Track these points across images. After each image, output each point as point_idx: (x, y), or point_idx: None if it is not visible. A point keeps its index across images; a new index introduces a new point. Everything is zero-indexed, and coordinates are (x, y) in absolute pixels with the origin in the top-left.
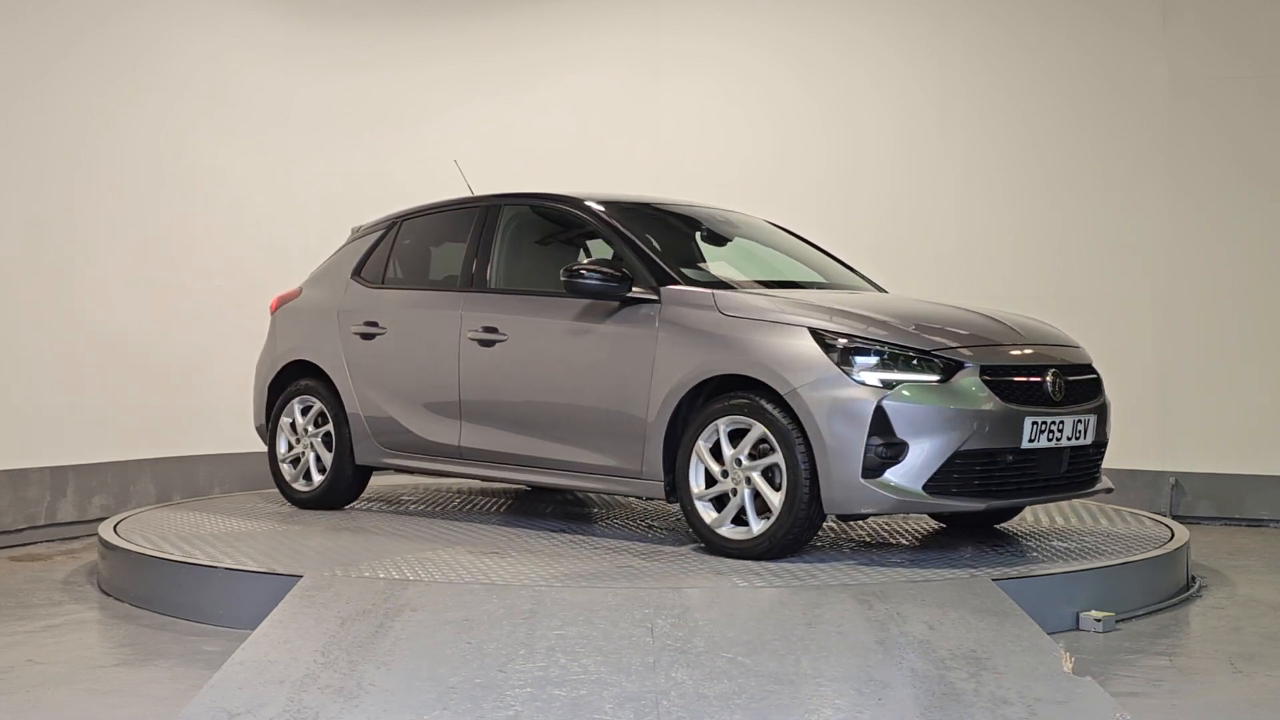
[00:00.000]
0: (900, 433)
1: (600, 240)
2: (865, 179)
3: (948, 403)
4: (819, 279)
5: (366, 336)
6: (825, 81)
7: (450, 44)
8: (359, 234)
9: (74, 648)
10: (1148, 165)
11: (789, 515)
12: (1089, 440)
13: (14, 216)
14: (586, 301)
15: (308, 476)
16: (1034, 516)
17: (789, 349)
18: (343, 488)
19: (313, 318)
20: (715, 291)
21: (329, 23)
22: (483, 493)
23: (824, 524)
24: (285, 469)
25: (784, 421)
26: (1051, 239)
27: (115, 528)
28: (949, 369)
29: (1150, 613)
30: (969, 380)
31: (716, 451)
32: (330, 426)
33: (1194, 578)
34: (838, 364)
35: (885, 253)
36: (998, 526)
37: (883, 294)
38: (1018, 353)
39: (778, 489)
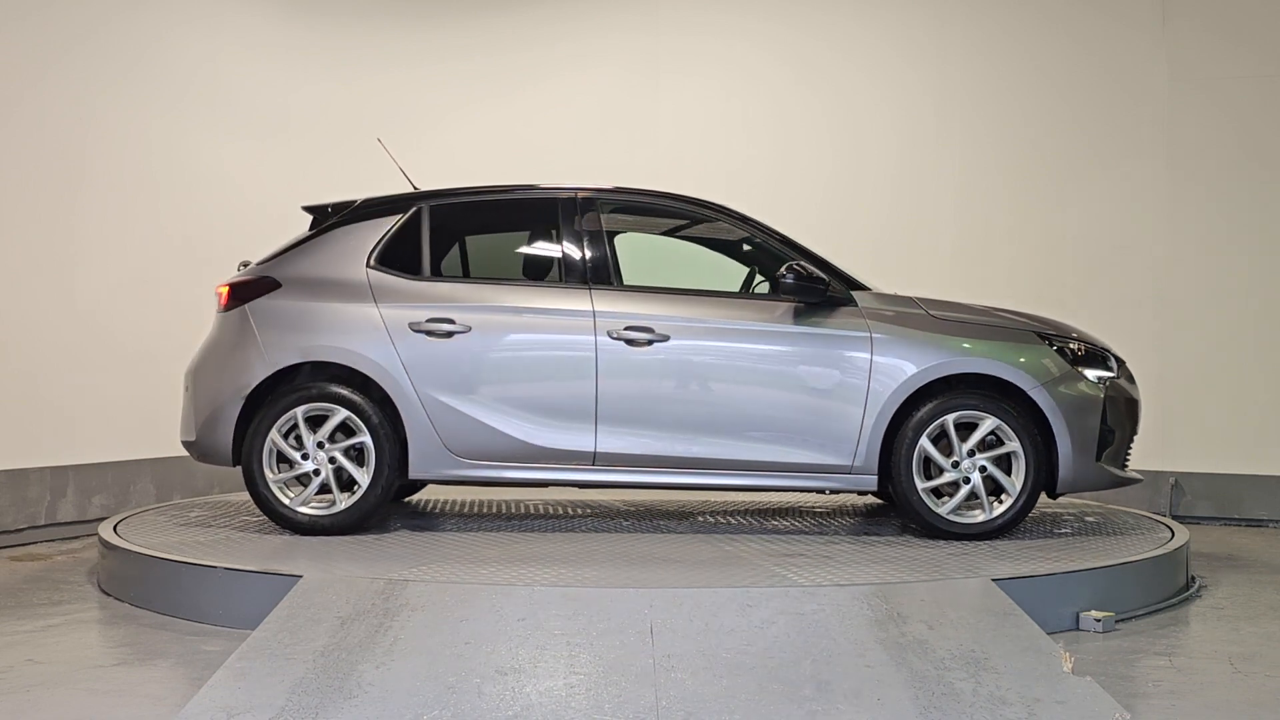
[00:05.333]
0: (1111, 421)
1: (739, 242)
2: (866, 177)
3: (1132, 394)
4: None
5: (438, 335)
6: (825, 80)
7: (450, 44)
8: (346, 215)
9: (74, 647)
10: (1147, 164)
11: (1025, 497)
12: None
13: (14, 216)
14: (759, 301)
15: (318, 498)
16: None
17: (1026, 351)
18: (377, 505)
19: (330, 313)
20: (916, 295)
21: (329, 23)
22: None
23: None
24: (280, 493)
25: (1020, 414)
26: (1051, 238)
27: (115, 528)
28: (1120, 366)
29: (1150, 613)
30: (1127, 375)
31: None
32: (367, 437)
33: (1194, 578)
34: (1071, 364)
35: (886, 251)
36: None
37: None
38: None
39: (1006, 475)
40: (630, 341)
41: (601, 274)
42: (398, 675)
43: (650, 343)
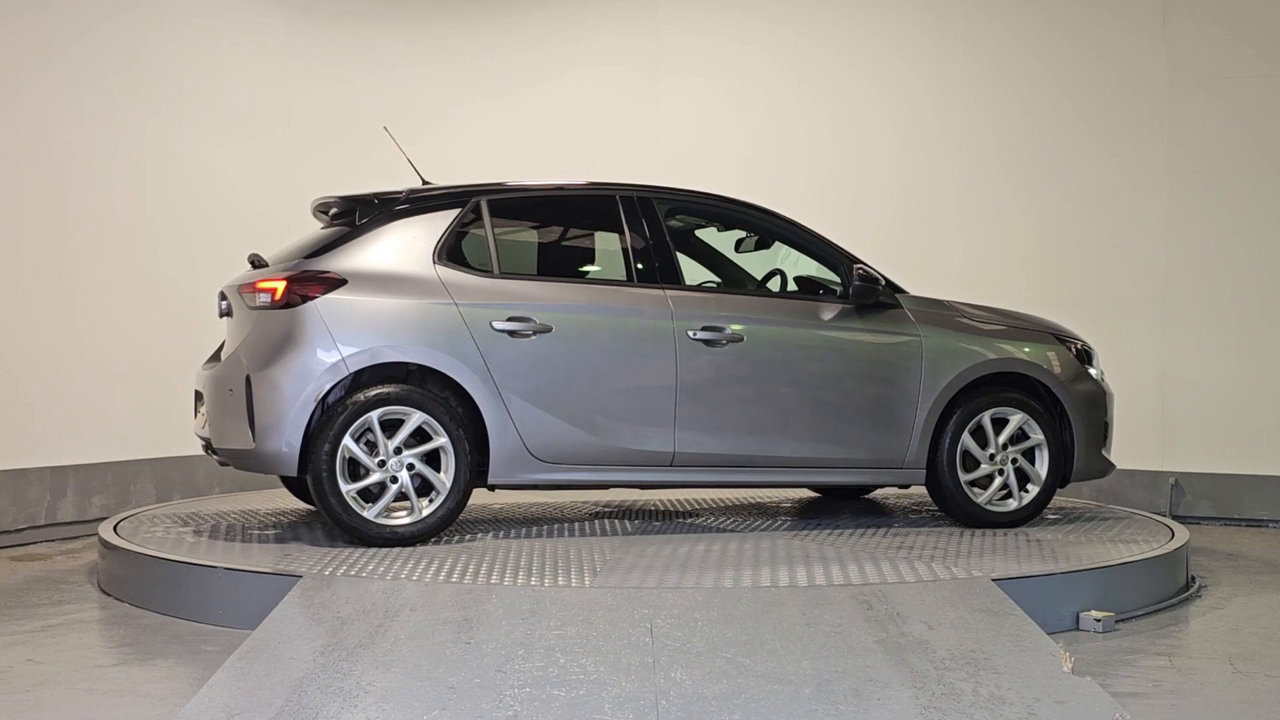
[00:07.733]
0: (1107, 415)
1: (783, 245)
2: (867, 177)
3: (1111, 389)
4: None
5: (521, 335)
6: (826, 80)
7: (451, 44)
8: (397, 208)
9: (74, 647)
10: (1148, 163)
11: (1048, 487)
12: None
13: (13, 216)
14: (813, 303)
15: (401, 507)
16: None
17: (1048, 351)
18: (456, 513)
19: (408, 312)
20: (946, 299)
21: (329, 23)
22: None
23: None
24: (355, 504)
25: (1043, 410)
26: (1052, 237)
27: (115, 528)
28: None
29: (1150, 613)
30: (1100, 369)
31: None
32: (445, 440)
33: (1194, 578)
34: (1080, 362)
35: (887, 250)
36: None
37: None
38: None
39: (1031, 466)
40: (708, 342)
41: (670, 274)
42: (397, 675)
43: (727, 343)
